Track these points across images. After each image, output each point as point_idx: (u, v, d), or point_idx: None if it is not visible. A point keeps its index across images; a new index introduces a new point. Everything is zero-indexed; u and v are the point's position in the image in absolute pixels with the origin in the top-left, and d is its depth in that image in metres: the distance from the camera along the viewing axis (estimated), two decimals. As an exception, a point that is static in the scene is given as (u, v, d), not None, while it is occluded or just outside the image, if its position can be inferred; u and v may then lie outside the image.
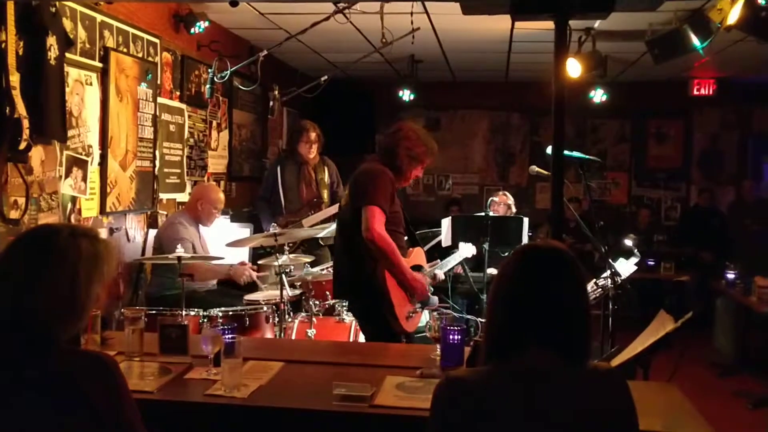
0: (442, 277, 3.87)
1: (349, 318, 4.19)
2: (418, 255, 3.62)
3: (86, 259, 1.68)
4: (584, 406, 1.51)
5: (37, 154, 3.56)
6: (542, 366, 1.53)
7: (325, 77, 4.44)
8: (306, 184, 5.43)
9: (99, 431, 1.58)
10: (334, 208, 5.34)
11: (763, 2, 3.88)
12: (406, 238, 3.53)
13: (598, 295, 4.00)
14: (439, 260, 3.95)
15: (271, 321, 3.96)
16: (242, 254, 5.06)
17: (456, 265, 4.99)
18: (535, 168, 4.35)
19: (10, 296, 1.63)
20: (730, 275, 5.94)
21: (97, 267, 1.70)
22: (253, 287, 4.55)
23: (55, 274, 1.64)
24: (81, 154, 3.99)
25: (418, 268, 3.56)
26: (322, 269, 4.53)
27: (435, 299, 3.65)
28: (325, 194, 5.46)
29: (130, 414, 1.65)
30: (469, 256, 5.02)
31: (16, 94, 3.21)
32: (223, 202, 4.67)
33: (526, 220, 5.28)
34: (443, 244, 5.12)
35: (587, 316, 1.60)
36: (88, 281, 1.67)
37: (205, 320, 3.63)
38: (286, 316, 4.00)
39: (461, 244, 4.93)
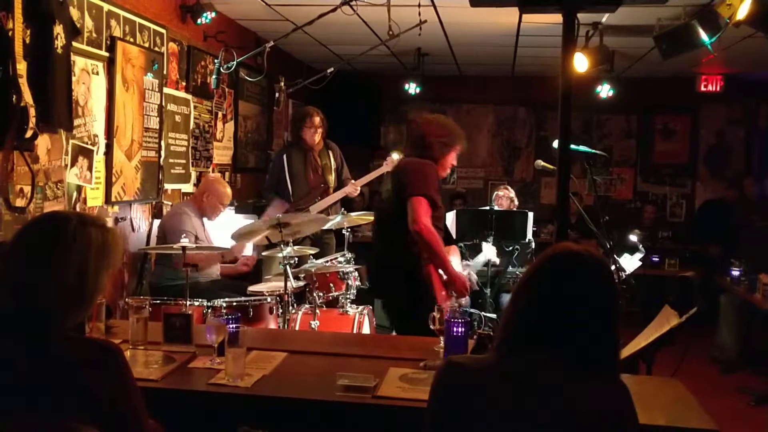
0: (475, 278, 3.80)
1: (352, 310, 4.19)
2: (453, 253, 3.56)
3: (95, 247, 1.68)
4: (578, 418, 1.46)
5: (43, 142, 3.56)
6: (546, 370, 1.49)
7: (331, 69, 4.42)
8: (312, 170, 5.45)
9: (102, 418, 1.58)
10: (341, 194, 5.38)
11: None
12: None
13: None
14: (469, 262, 3.87)
15: (274, 312, 3.97)
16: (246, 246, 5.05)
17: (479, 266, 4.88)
18: (540, 162, 4.34)
19: (18, 283, 1.63)
20: (735, 272, 5.93)
21: (105, 256, 1.70)
22: (256, 277, 4.56)
23: (63, 262, 1.64)
24: (87, 144, 4.00)
25: None
26: (327, 261, 4.53)
27: (468, 298, 3.58)
28: (331, 179, 5.48)
29: (135, 402, 1.65)
30: (494, 259, 4.95)
31: (23, 83, 3.21)
32: (229, 197, 4.65)
33: (530, 214, 5.27)
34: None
35: (611, 332, 1.53)
36: (96, 270, 1.68)
37: (209, 311, 3.64)
38: (290, 308, 4.00)
39: (484, 246, 4.87)
